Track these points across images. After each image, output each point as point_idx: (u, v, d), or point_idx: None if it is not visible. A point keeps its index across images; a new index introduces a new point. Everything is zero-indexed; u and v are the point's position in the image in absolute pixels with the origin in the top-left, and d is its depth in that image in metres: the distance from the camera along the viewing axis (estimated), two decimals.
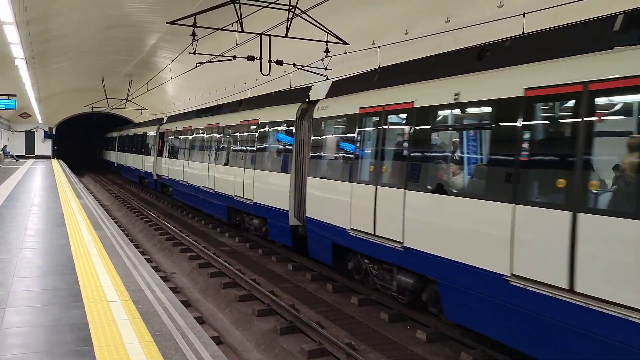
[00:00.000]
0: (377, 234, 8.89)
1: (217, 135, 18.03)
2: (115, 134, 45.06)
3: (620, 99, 5.61)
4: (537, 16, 8.68)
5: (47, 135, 47.60)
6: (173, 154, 24.09)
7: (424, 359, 7.75)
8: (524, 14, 7.77)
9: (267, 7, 12.28)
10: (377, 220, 8.84)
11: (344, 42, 13.48)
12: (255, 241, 16.02)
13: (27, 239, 10.09)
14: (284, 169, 12.94)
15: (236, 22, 12.40)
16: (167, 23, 13.01)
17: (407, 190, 8.17)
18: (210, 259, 13.76)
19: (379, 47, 13.31)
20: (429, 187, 7.84)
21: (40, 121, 46.36)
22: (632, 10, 5.77)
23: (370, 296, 10.37)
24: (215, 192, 17.46)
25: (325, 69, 15.03)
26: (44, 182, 23.26)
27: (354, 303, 10.22)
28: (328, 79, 13.26)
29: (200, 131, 20.24)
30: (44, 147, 48.28)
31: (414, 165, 8.13)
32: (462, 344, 8.17)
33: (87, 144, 59.58)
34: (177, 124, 24.29)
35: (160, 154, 26.70)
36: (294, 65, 15.73)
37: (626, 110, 5.58)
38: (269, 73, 13.97)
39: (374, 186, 8.99)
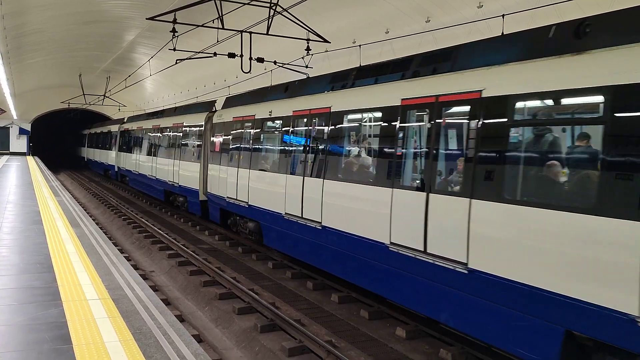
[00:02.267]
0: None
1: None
2: (113, 128, 34.00)
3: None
4: (516, 17, 8.83)
5: (23, 131, 46.73)
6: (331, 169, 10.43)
7: (403, 356, 7.81)
8: (503, 16, 7.88)
9: (248, 4, 12.25)
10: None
11: (325, 41, 13.52)
12: (235, 239, 15.95)
13: (2, 236, 9.91)
14: None
15: (217, 19, 12.36)
16: (146, 19, 12.91)
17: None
18: (189, 257, 13.67)
19: (359, 45, 13.38)
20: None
21: (15, 117, 45.52)
22: None
23: (350, 293, 10.42)
24: (477, 272, 6.74)
25: (306, 66, 15.05)
26: (20, 179, 22.84)
27: (334, 301, 10.26)
28: (308, 77, 13.26)
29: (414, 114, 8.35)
30: (19, 143, 47.38)
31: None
32: (441, 341, 8.26)
33: (64, 140, 58.53)
34: (308, 101, 11.40)
35: (250, 164, 13.69)
36: (274, 62, 15.73)
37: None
38: (250, 70, 13.95)
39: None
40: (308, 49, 13.74)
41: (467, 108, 6.66)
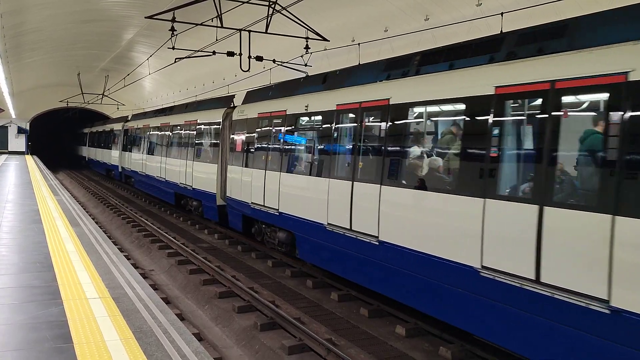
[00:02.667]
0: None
1: None
2: (117, 126, 30.12)
3: None
4: (515, 15, 8.83)
5: (21, 130, 46.68)
6: None
7: (403, 354, 7.83)
8: (502, 14, 7.89)
9: (247, 2, 12.25)
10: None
11: (324, 39, 13.52)
12: (235, 237, 15.97)
13: (2, 235, 9.91)
14: None
15: (216, 17, 12.36)
16: (145, 17, 12.90)
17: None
18: (189, 255, 13.68)
19: (358, 44, 13.39)
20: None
21: (13, 116, 45.49)
22: None
23: (350, 292, 10.44)
24: (627, 313, 5.28)
25: (306, 65, 15.07)
26: (19, 178, 22.83)
27: (334, 299, 10.27)
28: (307, 75, 13.26)
29: None
30: (17, 142, 47.36)
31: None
32: (440, 339, 8.28)
33: (62, 139, 58.44)
34: (356, 92, 9.87)
35: None
36: (274, 61, 15.72)
37: None
38: (249, 69, 13.94)
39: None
40: (307, 47, 13.74)
41: (604, 96, 5.34)
